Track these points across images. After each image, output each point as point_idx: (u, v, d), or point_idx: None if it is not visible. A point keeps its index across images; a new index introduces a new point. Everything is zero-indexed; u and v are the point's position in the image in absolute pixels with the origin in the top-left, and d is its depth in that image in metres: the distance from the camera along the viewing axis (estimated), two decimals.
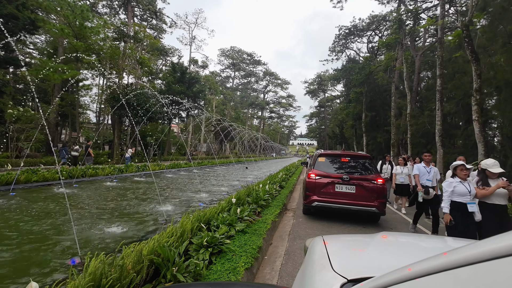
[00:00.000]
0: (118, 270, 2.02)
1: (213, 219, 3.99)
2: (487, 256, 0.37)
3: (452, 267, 0.41)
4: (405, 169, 7.03)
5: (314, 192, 5.69)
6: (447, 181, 3.73)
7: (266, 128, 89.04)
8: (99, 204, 6.31)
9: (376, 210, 5.34)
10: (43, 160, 14.01)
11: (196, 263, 2.56)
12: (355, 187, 5.54)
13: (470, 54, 10.06)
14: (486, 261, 0.37)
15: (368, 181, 5.58)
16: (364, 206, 5.40)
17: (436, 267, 0.45)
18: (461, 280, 0.39)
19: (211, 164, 23.71)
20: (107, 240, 3.96)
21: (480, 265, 0.37)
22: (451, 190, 3.57)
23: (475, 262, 0.38)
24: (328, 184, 5.65)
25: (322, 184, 5.67)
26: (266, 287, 1.86)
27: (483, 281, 0.36)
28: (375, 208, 5.34)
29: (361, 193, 5.50)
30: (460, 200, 3.53)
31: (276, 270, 3.25)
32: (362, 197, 5.47)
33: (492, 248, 0.37)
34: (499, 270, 0.35)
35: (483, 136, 9.41)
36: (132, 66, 25.14)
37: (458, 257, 0.42)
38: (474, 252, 0.39)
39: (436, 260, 0.46)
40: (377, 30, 33.39)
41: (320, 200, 5.59)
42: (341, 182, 5.59)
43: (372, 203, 5.39)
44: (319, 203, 5.59)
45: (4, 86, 17.13)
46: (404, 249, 1.41)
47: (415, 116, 18.36)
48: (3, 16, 13.35)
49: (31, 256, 3.29)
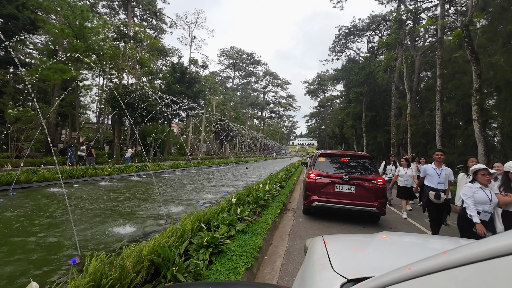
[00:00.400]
0: (118, 270, 2.02)
1: (213, 219, 3.99)
2: (486, 255, 0.37)
3: (452, 266, 0.42)
4: (409, 171, 6.71)
5: (314, 192, 5.68)
6: (467, 186, 3.35)
7: (266, 128, 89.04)
8: (99, 204, 6.31)
9: (376, 210, 5.32)
10: (43, 160, 14.01)
11: (196, 263, 2.56)
12: (355, 187, 5.52)
13: (470, 54, 10.06)
14: (485, 260, 0.37)
15: (368, 181, 5.55)
16: (364, 206, 5.38)
17: (435, 266, 0.45)
18: (461, 279, 0.39)
19: (211, 164, 23.72)
20: (106, 240, 3.96)
21: (479, 264, 0.37)
22: (472, 196, 3.19)
23: (474, 261, 0.38)
24: (328, 184, 5.63)
25: (322, 184, 5.65)
26: (267, 286, 1.87)
27: (483, 280, 0.36)
28: (375, 208, 5.33)
29: (361, 193, 5.47)
30: (479, 209, 3.18)
31: (276, 270, 3.25)
32: (362, 197, 5.45)
33: (491, 247, 0.37)
34: (498, 269, 0.35)
35: (483, 136, 9.41)
36: (132, 66, 25.14)
37: (457, 256, 0.42)
38: (473, 251, 0.39)
39: (436, 260, 0.46)
40: (377, 30, 33.40)
41: (320, 200, 5.58)
42: (341, 182, 5.57)
43: (372, 203, 5.37)
44: (319, 203, 5.57)
45: (4, 86, 17.14)
46: (405, 249, 1.41)
47: (415, 116, 18.36)
48: (3, 16, 13.37)
49: (31, 256, 3.29)
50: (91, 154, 14.17)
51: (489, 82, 13.10)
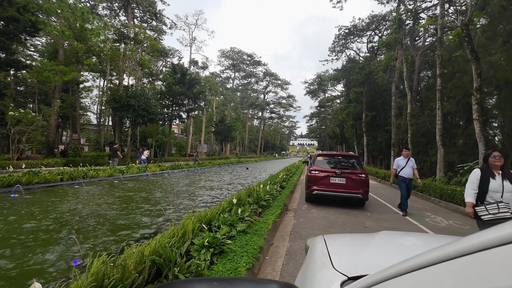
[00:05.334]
0: (120, 270, 2.04)
1: (214, 219, 4.00)
2: (476, 248, 0.40)
3: (446, 259, 0.44)
4: None
5: (314, 183, 7.16)
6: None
7: (267, 129, 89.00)
8: (99, 205, 6.33)
9: (361, 196, 6.86)
10: (44, 162, 14.05)
11: (197, 263, 2.57)
12: (345, 179, 7.02)
13: (470, 53, 10.06)
14: (475, 253, 0.40)
15: (355, 174, 7.04)
16: (352, 193, 6.90)
17: (430, 259, 0.48)
18: (454, 271, 0.43)
19: (212, 165, 23.73)
20: (108, 241, 3.98)
21: (470, 256, 0.41)
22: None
23: (466, 254, 0.41)
24: (324, 177, 7.11)
25: (320, 177, 7.13)
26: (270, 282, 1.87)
27: (474, 271, 0.39)
28: (360, 195, 6.86)
29: (350, 184, 6.99)
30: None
31: (277, 270, 3.26)
32: (350, 186, 6.96)
33: (482, 240, 0.40)
34: (488, 260, 0.38)
35: (484, 135, 9.39)
36: (132, 67, 25.20)
37: (451, 250, 0.44)
38: (465, 244, 0.42)
39: (431, 254, 0.49)
40: (377, 30, 33.40)
41: (318, 189, 7.07)
42: (335, 176, 7.06)
43: (358, 191, 6.87)
44: (318, 192, 7.06)
45: (5, 88, 17.19)
46: (405, 247, 1.42)
47: (415, 115, 18.34)
48: (4, 18, 13.42)
49: (34, 257, 3.31)
50: (116, 155, 14.48)
51: (489, 81, 13.09)
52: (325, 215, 6.22)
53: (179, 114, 32.34)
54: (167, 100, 30.39)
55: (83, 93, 27.59)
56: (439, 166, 12.32)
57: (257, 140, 79.61)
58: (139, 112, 20.89)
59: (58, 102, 19.75)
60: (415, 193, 10.63)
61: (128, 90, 21.76)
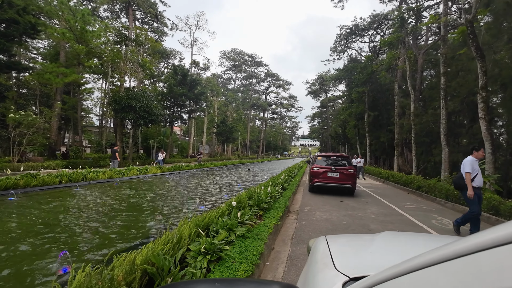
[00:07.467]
0: (107, 282, 1.89)
1: (213, 223, 3.85)
2: (472, 249, 0.41)
3: (444, 260, 0.45)
4: None
5: (315, 177, 9.44)
6: None
7: (268, 129, 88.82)
8: (99, 207, 6.21)
9: (350, 186, 9.15)
10: (45, 164, 13.99)
11: (192, 272, 2.43)
12: (338, 173, 9.24)
13: (475, 50, 9.83)
14: (472, 254, 0.41)
15: (346, 170, 9.29)
16: (344, 184, 9.14)
17: (429, 260, 0.49)
18: (452, 272, 0.44)
19: (213, 166, 23.61)
20: (95, 249, 3.84)
21: (467, 257, 0.42)
22: None
23: (462, 255, 0.43)
24: (323, 172, 9.36)
25: (320, 172, 9.41)
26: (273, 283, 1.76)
27: (471, 272, 0.41)
28: (349, 185, 9.13)
29: (342, 177, 9.21)
30: None
31: (278, 278, 3.11)
32: (342, 179, 9.19)
33: (478, 241, 0.41)
34: (484, 261, 0.39)
35: (490, 134, 9.16)
36: (133, 69, 25.18)
37: (449, 250, 0.46)
38: (461, 246, 0.44)
39: (430, 254, 0.50)
40: (378, 29, 33.17)
41: (319, 181, 9.34)
42: (331, 171, 9.29)
43: (348, 182, 9.15)
44: (318, 183, 9.34)
45: (7, 91, 17.20)
46: (407, 248, 1.39)
47: (418, 115, 18.10)
48: (4, 21, 13.42)
49: (16, 266, 3.18)
50: (116, 157, 14.47)
51: (494, 79, 12.83)
52: (328, 217, 6.06)
53: (181, 115, 32.28)
54: (169, 101, 30.37)
55: (85, 95, 27.60)
56: (444, 166, 12.09)
57: (259, 141, 79.47)
58: (140, 113, 20.82)
59: (59, 104, 19.74)
60: (420, 193, 10.42)
61: (129, 92, 21.69)
